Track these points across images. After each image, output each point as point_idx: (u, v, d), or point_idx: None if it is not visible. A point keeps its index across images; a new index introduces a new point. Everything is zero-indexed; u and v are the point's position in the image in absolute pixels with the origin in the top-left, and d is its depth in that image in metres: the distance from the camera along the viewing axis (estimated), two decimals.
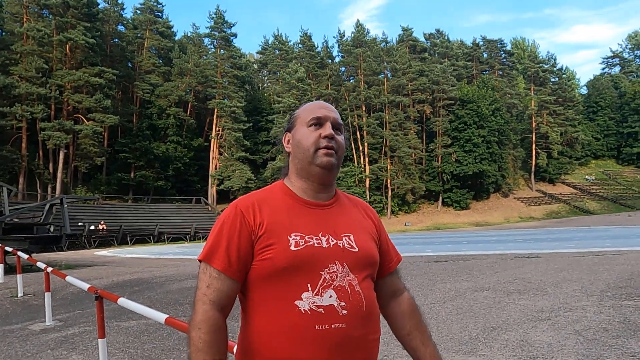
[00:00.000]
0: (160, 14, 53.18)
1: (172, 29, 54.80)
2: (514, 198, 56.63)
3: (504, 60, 67.87)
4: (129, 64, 49.83)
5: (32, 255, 11.31)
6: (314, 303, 1.10)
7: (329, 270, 1.14)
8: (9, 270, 10.16)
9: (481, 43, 67.34)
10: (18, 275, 8.11)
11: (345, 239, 1.21)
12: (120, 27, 50.76)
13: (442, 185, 53.13)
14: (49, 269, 5.83)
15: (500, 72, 66.27)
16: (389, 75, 55.18)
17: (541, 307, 5.59)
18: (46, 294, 5.96)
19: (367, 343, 1.15)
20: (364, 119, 51.82)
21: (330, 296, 1.11)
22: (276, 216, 1.19)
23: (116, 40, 49.16)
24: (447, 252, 13.89)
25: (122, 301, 3.49)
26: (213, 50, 52.91)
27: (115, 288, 8.74)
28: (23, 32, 38.36)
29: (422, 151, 54.06)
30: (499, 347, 4.13)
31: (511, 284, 7.23)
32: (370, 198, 50.40)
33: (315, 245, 1.15)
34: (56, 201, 16.48)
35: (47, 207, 15.65)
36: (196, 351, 1.08)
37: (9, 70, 37.18)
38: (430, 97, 54.74)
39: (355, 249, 1.20)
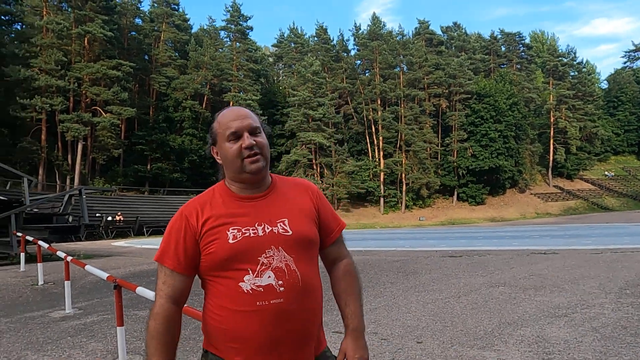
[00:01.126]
0: (176, 7, 53.39)
1: (188, 22, 55.00)
2: (531, 194, 55.95)
3: (523, 53, 66.81)
4: (146, 57, 50.21)
5: (52, 244, 11.55)
6: (254, 284, 1.29)
7: (266, 255, 1.32)
8: (30, 259, 10.38)
9: (499, 36, 66.37)
10: (39, 264, 8.29)
11: (280, 225, 1.37)
12: (138, 20, 51.11)
13: (458, 180, 52.70)
14: (69, 258, 5.95)
15: (519, 66, 65.27)
16: (404, 68, 54.74)
17: (558, 303, 5.54)
18: (66, 282, 6.08)
19: (303, 314, 1.33)
20: (379, 113, 51.55)
21: (269, 276, 1.30)
22: (216, 215, 1.36)
23: (133, 33, 49.54)
24: (461, 247, 13.80)
25: (140, 290, 3.54)
26: (229, 43, 53.06)
27: (132, 278, 8.88)
28: (43, 25, 38.87)
29: (437, 145, 53.64)
30: (515, 342, 4.11)
31: (527, 280, 7.17)
32: (384, 192, 50.25)
33: (252, 235, 1.33)
34: (75, 192, 16.74)
35: (66, 197, 15.91)
36: (150, 338, 1.32)
37: (29, 63, 37.72)
38: (447, 90, 54.20)
39: (289, 232, 1.36)
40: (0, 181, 30.09)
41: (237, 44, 51.55)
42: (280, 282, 1.30)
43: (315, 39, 58.61)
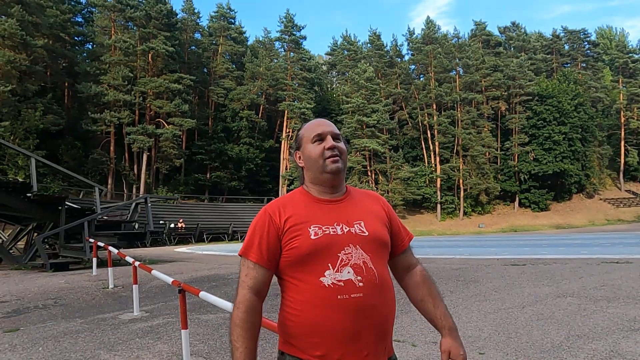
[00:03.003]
0: (233, 21, 55.21)
1: (244, 35, 56.68)
2: (600, 199, 52.74)
3: (588, 51, 63.40)
4: (205, 70, 52.20)
5: (120, 250, 12.20)
6: (335, 278, 1.37)
7: (345, 252, 1.40)
8: (100, 263, 11.02)
9: (562, 34, 63.44)
10: (109, 269, 8.78)
11: (357, 226, 1.47)
12: (197, 35, 53.33)
13: (519, 185, 50.65)
14: (137, 263, 6.26)
15: (584, 65, 61.99)
16: (460, 71, 53.50)
17: (634, 316, 5.17)
18: (134, 286, 6.40)
19: (381, 308, 1.40)
20: (435, 118, 50.60)
21: (348, 272, 1.37)
22: (298, 214, 1.46)
23: (193, 47, 51.68)
24: (525, 255, 13.21)
25: (203, 295, 3.67)
26: (283, 53, 54.09)
27: (194, 283, 9.20)
28: (111, 43, 41.43)
29: (496, 150, 51.87)
30: (585, 356, 3.88)
31: (598, 291, 6.75)
32: (441, 199, 49.15)
33: (331, 233, 1.42)
34: (141, 200, 17.62)
35: (133, 205, 16.78)
36: (234, 326, 1.38)
37: (99, 80, 40.32)
38: (506, 93, 52.39)
39: (365, 233, 1.46)
40: (74, 191, 32.24)
41: (291, 53, 52.46)
42: (359, 277, 1.37)
43: (369, 45, 58.55)
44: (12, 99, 32.33)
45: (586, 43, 63.51)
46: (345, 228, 1.44)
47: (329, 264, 1.38)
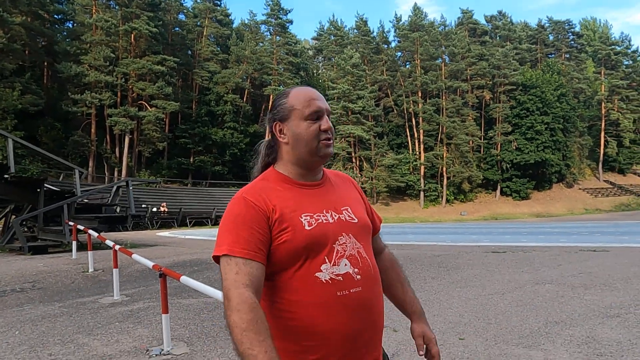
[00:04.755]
0: (219, 2, 54.22)
1: (230, 17, 55.71)
2: (579, 189, 53.77)
3: (572, 42, 64.08)
4: (189, 52, 51.31)
5: (101, 234, 12.03)
6: (332, 272, 1.22)
7: (339, 242, 1.26)
8: (81, 247, 10.86)
9: (547, 24, 63.88)
10: (89, 252, 8.65)
11: (345, 212, 1.33)
12: (181, 16, 52.27)
13: (501, 174, 51.29)
14: (117, 247, 6.17)
15: (567, 55, 62.65)
16: (446, 60, 53.57)
17: (609, 303, 5.29)
18: (114, 270, 6.32)
19: (379, 302, 1.31)
20: (420, 105, 50.72)
21: (345, 264, 1.24)
22: (283, 201, 1.27)
23: (177, 28, 50.69)
24: (505, 243, 13.43)
25: (184, 279, 3.63)
26: (269, 37, 53.46)
27: (176, 267, 9.13)
28: (92, 22, 40.39)
29: (480, 138, 52.32)
30: (563, 342, 3.95)
31: (576, 278, 6.89)
32: (424, 186, 49.52)
33: (324, 222, 1.27)
34: (122, 184, 17.35)
35: (114, 189, 16.52)
36: (240, 332, 1.07)
37: (79, 60, 39.34)
38: (491, 82, 52.69)
39: (355, 219, 1.33)
40: (54, 173, 31.63)
41: (277, 37, 51.87)
42: (356, 269, 1.25)
43: (355, 31, 58.16)
44: None
45: (570, 34, 64.11)
46: (335, 215, 1.30)
47: (325, 257, 1.22)
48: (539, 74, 52.35)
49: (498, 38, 61.39)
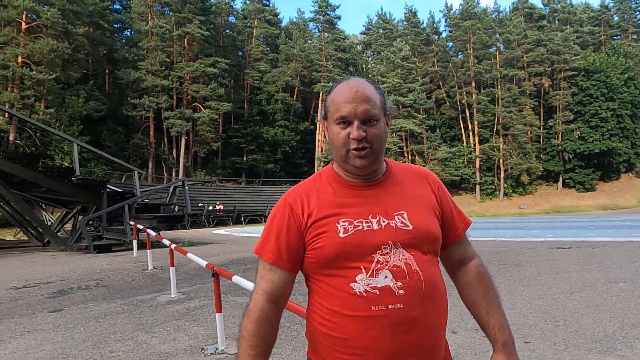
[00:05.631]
0: (267, 3, 54.93)
1: (278, 16, 56.33)
2: None
3: None
4: (239, 53, 52.38)
5: (160, 232, 12.46)
6: (368, 285, 1.11)
7: (382, 252, 1.14)
8: (141, 245, 11.28)
9: (611, 4, 59.93)
10: (148, 251, 8.95)
11: (398, 218, 1.19)
12: (231, 18, 53.43)
13: (563, 164, 48.77)
14: (173, 246, 6.30)
15: (635, 37, 58.48)
16: (501, 47, 51.55)
17: None
18: (171, 268, 6.46)
19: (427, 322, 1.13)
20: (474, 96, 49.11)
21: (385, 277, 1.12)
22: (324, 204, 1.20)
23: (227, 31, 51.86)
24: (571, 238, 12.67)
25: (237, 279, 3.60)
26: (317, 34, 53.56)
27: (231, 265, 9.27)
28: (148, 29, 42.09)
29: (539, 128, 49.99)
30: None
31: None
32: (480, 179, 47.98)
33: (365, 229, 1.16)
34: (178, 184, 17.94)
35: (171, 189, 17.11)
36: (241, 338, 1.17)
37: (137, 66, 41.15)
38: (549, 69, 50.16)
39: (409, 226, 1.18)
40: (116, 175, 33.27)
41: (326, 34, 51.85)
42: (399, 283, 1.12)
43: (405, 23, 57.11)
44: (56, 87, 33.41)
45: (638, 13, 59.76)
46: (383, 221, 1.17)
47: (362, 267, 1.12)
48: (603, 58, 49.25)
49: (557, 22, 58.24)
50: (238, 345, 1.18)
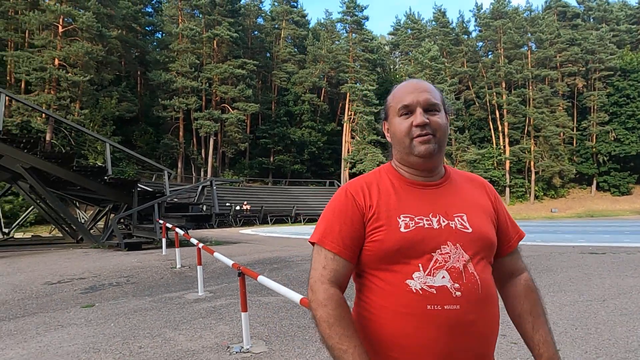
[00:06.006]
0: (295, 4, 55.26)
1: (306, 18, 56.60)
2: None
3: None
4: (267, 54, 52.85)
5: (188, 231, 12.67)
6: (425, 283, 1.10)
7: (441, 251, 1.13)
8: (170, 244, 11.49)
9: None
10: (176, 249, 9.11)
11: (458, 219, 1.18)
12: (259, 20, 53.97)
13: (597, 167, 47.33)
14: (200, 245, 6.40)
15: None
16: (533, 47, 50.42)
17: None
18: (198, 267, 6.57)
19: (482, 328, 1.12)
20: (504, 97, 48.19)
21: (443, 277, 1.10)
22: (385, 198, 1.20)
23: (256, 32, 52.42)
24: (604, 243, 12.28)
25: (262, 279, 3.64)
26: (345, 35, 53.52)
27: (257, 264, 9.35)
28: (179, 32, 42.93)
29: (572, 130, 48.68)
30: None
31: None
32: (510, 182, 47.04)
33: (426, 226, 1.15)
34: (207, 183, 18.21)
35: (199, 188, 17.38)
36: (329, 327, 1.11)
37: (168, 67, 42.01)
38: (584, 68, 48.78)
39: (468, 229, 1.17)
40: (147, 174, 34.03)
41: (353, 35, 51.77)
42: (456, 285, 1.10)
43: (433, 23, 56.55)
44: (90, 88, 34.43)
45: None
46: (444, 221, 1.17)
47: (420, 265, 1.11)
48: None
49: (592, 20, 56.56)
50: (327, 338, 1.11)
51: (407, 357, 1.10)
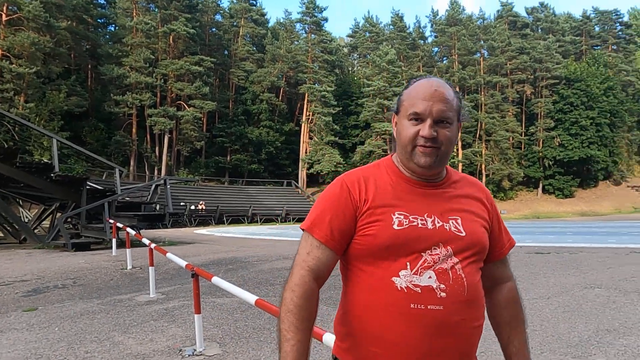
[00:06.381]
0: (254, 2, 54.79)
1: (265, 17, 56.24)
2: (628, 186, 51.33)
3: (620, 33, 61.09)
4: (226, 52, 52.11)
5: (140, 231, 12.29)
6: (411, 282, 1.10)
7: (432, 252, 1.12)
8: (121, 244, 11.11)
9: (592, 15, 61.18)
10: (127, 250, 8.82)
11: (452, 222, 1.18)
12: (218, 17, 53.14)
13: (543, 171, 49.61)
14: (153, 245, 6.22)
15: (615, 47, 59.82)
16: (485, 54, 52.24)
17: None
18: (150, 268, 6.37)
19: (465, 330, 1.12)
20: None
21: (430, 277, 1.10)
22: (381, 193, 1.19)
23: (214, 29, 51.57)
24: (549, 244, 12.88)
25: (216, 280, 3.57)
26: (304, 35, 53.59)
27: (211, 265, 9.19)
28: (133, 25, 41.60)
29: (521, 135, 50.81)
30: (616, 352, 3.67)
31: (628, 282, 6.47)
32: None
33: (420, 225, 1.14)
34: (160, 182, 17.74)
35: (152, 187, 16.91)
36: (286, 311, 1.13)
37: (121, 62, 40.61)
38: (532, 76, 51.01)
39: (462, 233, 1.17)
40: (97, 172, 32.76)
41: (312, 35, 51.90)
42: (442, 286, 1.10)
43: (391, 27, 57.53)
44: (36, 81, 32.80)
45: (618, 24, 61.17)
46: (438, 222, 1.16)
47: (408, 263, 1.11)
48: (584, 67, 50.31)
49: (540, 30, 59.30)
50: (280, 320, 1.14)
51: (387, 353, 1.10)
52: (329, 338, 1.79)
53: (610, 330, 4.26)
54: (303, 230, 1.22)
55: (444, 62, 54.20)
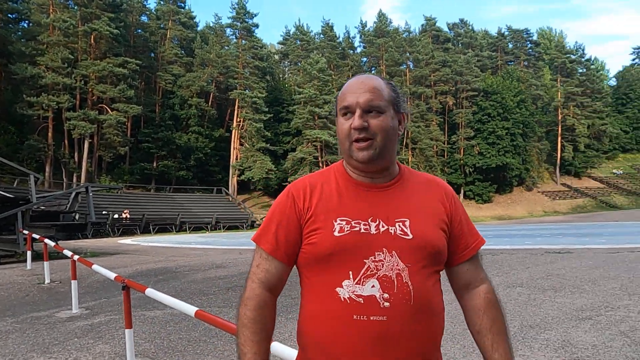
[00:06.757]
0: (182, 5, 53.30)
1: (194, 20, 54.91)
2: (538, 192, 55.51)
3: (530, 50, 66.27)
4: (152, 55, 50.15)
5: (59, 242, 11.44)
6: (353, 292, 1.06)
7: (375, 258, 1.07)
8: (36, 257, 10.28)
9: (506, 33, 65.85)
10: (45, 263, 8.17)
11: (399, 225, 1.12)
12: (144, 18, 51.11)
13: (464, 177, 52.39)
14: (76, 257, 5.81)
15: (526, 63, 64.73)
16: (411, 66, 54.46)
17: (580, 305, 5.34)
18: (72, 281, 5.95)
19: (413, 340, 1.06)
20: None
21: (373, 286, 1.06)
22: (326, 200, 1.15)
23: (139, 30, 49.51)
24: None
25: (150, 292, 3.39)
26: (235, 40, 52.94)
27: (140, 277, 8.75)
28: (49, 22, 38.85)
29: (444, 143, 53.35)
30: (540, 347, 3.93)
31: (545, 281, 6.97)
32: None
33: (362, 231, 1.10)
34: (81, 190, 16.65)
35: (72, 195, 15.83)
36: (241, 326, 1.13)
37: (35, 61, 37.73)
38: (453, 88, 53.86)
39: (409, 235, 1.10)
40: (7, 179, 30.15)
41: (243, 41, 51.39)
42: (385, 295, 1.05)
43: (321, 36, 58.37)
44: None
45: (528, 42, 66.31)
46: (383, 226, 1.11)
47: (350, 272, 1.07)
48: (500, 81, 53.88)
49: (460, 45, 62.90)
50: (237, 335, 1.14)
51: None
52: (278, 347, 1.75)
53: (533, 326, 4.56)
54: (253, 242, 1.21)
55: (373, 72, 55.83)
